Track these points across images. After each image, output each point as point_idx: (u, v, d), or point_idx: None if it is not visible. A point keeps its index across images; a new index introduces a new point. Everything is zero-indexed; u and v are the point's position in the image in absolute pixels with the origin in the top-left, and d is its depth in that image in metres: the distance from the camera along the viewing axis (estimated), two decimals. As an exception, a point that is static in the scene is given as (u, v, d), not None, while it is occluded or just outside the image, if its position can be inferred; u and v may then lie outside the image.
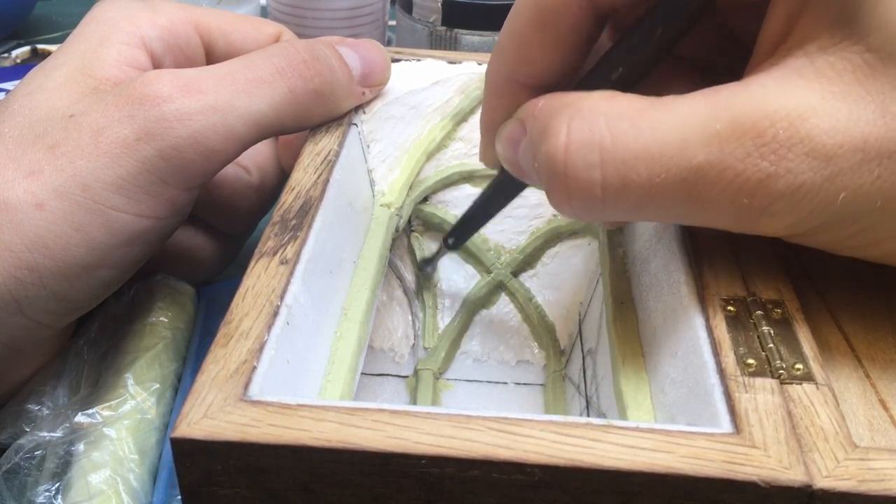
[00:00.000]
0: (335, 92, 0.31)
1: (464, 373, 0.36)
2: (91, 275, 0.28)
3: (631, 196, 0.21)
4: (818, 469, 0.18)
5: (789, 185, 0.21)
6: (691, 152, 0.21)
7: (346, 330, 0.27)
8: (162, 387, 0.31)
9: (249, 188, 0.36)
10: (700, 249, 0.26)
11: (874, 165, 0.21)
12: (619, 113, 0.22)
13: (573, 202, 0.22)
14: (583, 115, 0.22)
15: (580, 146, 0.21)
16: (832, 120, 0.20)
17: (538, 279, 0.37)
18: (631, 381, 0.25)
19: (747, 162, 0.21)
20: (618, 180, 0.21)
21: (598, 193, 0.22)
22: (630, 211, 0.22)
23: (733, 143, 0.21)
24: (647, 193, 0.21)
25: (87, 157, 0.27)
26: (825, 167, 0.20)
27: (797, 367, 0.21)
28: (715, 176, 0.21)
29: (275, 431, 0.18)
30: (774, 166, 0.20)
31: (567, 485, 0.18)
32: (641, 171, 0.21)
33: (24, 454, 0.29)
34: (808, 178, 0.21)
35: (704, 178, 0.21)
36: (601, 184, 0.21)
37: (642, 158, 0.21)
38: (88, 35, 0.31)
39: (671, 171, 0.21)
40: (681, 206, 0.22)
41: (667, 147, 0.21)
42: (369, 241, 0.31)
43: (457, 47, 0.53)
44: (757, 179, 0.21)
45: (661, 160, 0.21)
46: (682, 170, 0.21)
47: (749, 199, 0.21)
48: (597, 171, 0.21)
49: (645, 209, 0.22)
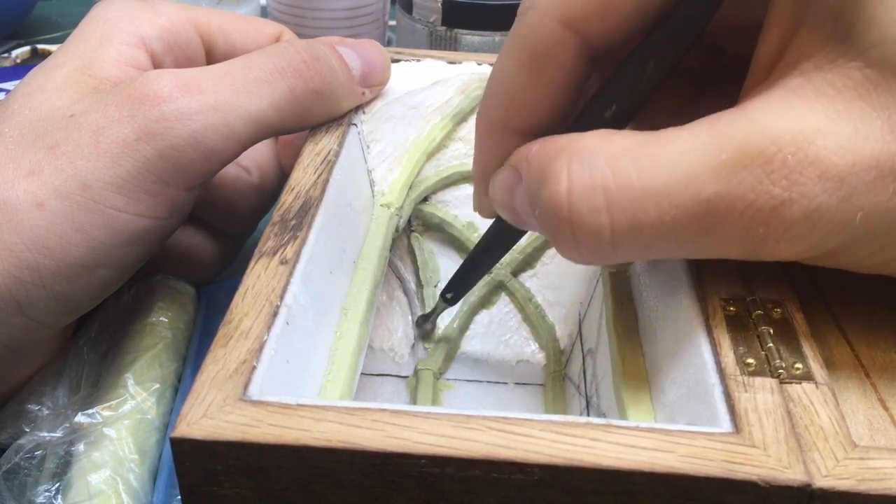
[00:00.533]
0: (335, 92, 0.31)
1: (464, 373, 0.36)
2: (91, 275, 0.28)
3: (642, 236, 0.21)
4: (818, 468, 0.18)
5: (804, 210, 0.20)
6: (699, 186, 0.20)
7: (346, 330, 0.27)
8: (162, 387, 0.31)
9: (249, 188, 0.36)
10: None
11: (889, 182, 0.20)
12: (618, 151, 0.21)
13: (581, 249, 0.21)
14: (581, 157, 0.21)
15: (583, 190, 0.21)
16: (839, 139, 0.20)
17: (538, 279, 0.37)
18: (631, 381, 0.25)
19: (759, 190, 0.20)
20: (627, 222, 0.21)
21: (607, 237, 0.21)
22: (642, 251, 0.21)
23: (741, 172, 0.20)
24: (658, 232, 0.21)
25: (88, 157, 0.27)
26: (839, 188, 0.20)
27: (797, 367, 0.21)
28: (726, 208, 0.20)
29: (275, 431, 0.18)
30: (787, 192, 0.20)
31: (567, 484, 0.18)
32: (650, 210, 0.20)
33: (24, 454, 0.29)
34: (823, 201, 0.20)
35: (715, 210, 0.20)
36: (610, 227, 0.21)
37: (649, 196, 0.20)
38: (88, 35, 0.31)
39: (681, 207, 0.20)
40: (694, 242, 0.21)
41: (673, 183, 0.20)
42: (369, 241, 0.31)
43: (457, 47, 0.53)
44: (770, 207, 0.20)
45: (669, 196, 0.20)
46: (691, 204, 0.20)
47: (764, 227, 0.20)
48: (604, 214, 0.21)
49: (657, 248, 0.21)
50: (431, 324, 0.36)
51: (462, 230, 0.36)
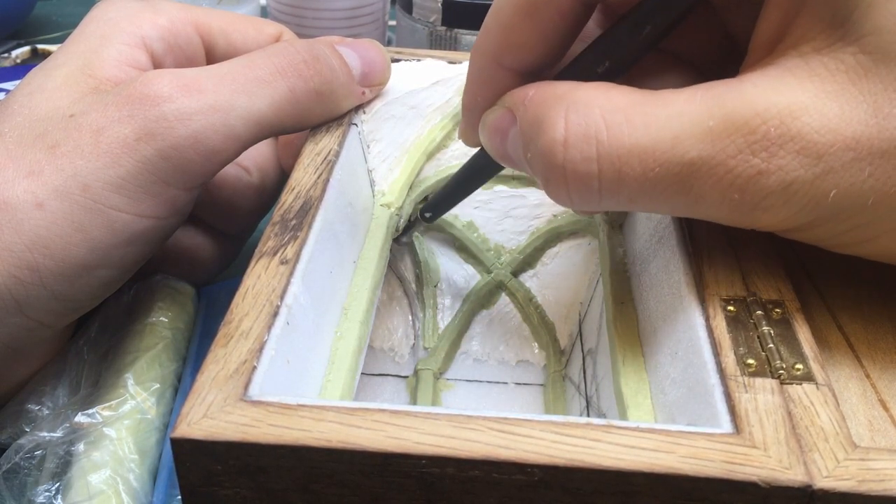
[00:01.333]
0: (335, 91, 0.31)
1: (464, 373, 0.36)
2: (91, 274, 0.28)
3: (626, 189, 0.22)
4: (818, 469, 0.18)
5: (780, 182, 0.21)
6: (684, 148, 0.21)
7: (347, 330, 0.27)
8: (162, 387, 0.31)
9: (250, 188, 0.36)
10: (700, 249, 0.26)
11: (865, 164, 0.21)
12: (614, 106, 0.22)
13: (571, 194, 0.23)
14: (578, 107, 0.22)
15: (577, 140, 0.22)
16: (823, 118, 0.21)
17: (538, 279, 0.37)
18: (631, 381, 0.25)
19: (739, 159, 0.21)
20: (613, 174, 0.22)
21: (594, 186, 0.22)
22: (625, 202, 0.22)
23: (725, 139, 0.21)
24: (641, 186, 0.22)
25: (88, 157, 0.27)
26: (816, 164, 0.21)
27: (797, 367, 0.21)
28: (707, 171, 0.21)
29: (275, 431, 0.18)
30: (765, 163, 0.21)
31: (567, 485, 0.18)
32: (635, 165, 0.21)
33: (24, 454, 0.29)
34: (798, 175, 0.21)
35: (696, 173, 0.21)
36: (598, 177, 0.22)
37: (636, 153, 0.21)
38: (89, 35, 0.31)
39: (664, 166, 0.21)
40: (674, 199, 0.22)
41: (660, 142, 0.21)
42: (369, 241, 0.31)
43: (457, 47, 0.53)
44: (748, 176, 0.21)
45: (655, 154, 0.21)
46: (674, 164, 0.21)
47: (740, 194, 0.21)
48: (594, 164, 0.22)
49: (640, 201, 0.22)
50: (407, 237, 0.36)
51: (462, 230, 0.36)
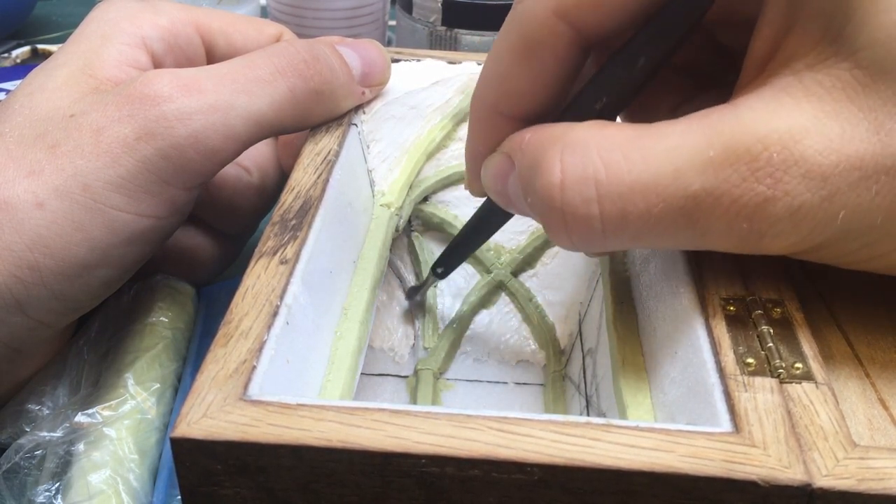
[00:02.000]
0: (335, 91, 0.31)
1: (464, 373, 0.36)
2: (91, 274, 0.28)
3: (630, 227, 0.21)
4: (818, 468, 0.18)
5: (788, 208, 0.21)
6: (687, 181, 0.21)
7: (346, 329, 0.27)
8: (162, 387, 0.31)
9: (250, 188, 0.36)
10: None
11: (872, 183, 0.20)
12: (611, 144, 0.21)
13: (573, 237, 0.22)
14: (574, 148, 0.22)
15: (575, 181, 0.21)
16: (825, 140, 0.20)
17: (538, 279, 0.37)
18: (631, 381, 0.25)
19: (744, 187, 0.20)
20: (616, 213, 0.21)
21: (597, 227, 0.21)
22: (630, 241, 0.22)
23: (728, 169, 0.20)
24: (645, 224, 0.21)
25: (88, 157, 0.27)
26: (822, 187, 0.20)
27: (797, 367, 0.21)
28: (712, 203, 0.21)
29: (275, 431, 0.18)
30: (772, 190, 0.20)
31: (567, 484, 0.18)
32: (639, 203, 0.21)
33: (24, 454, 0.29)
34: (806, 200, 0.20)
35: (701, 205, 0.21)
36: (600, 218, 0.21)
37: (638, 190, 0.21)
38: (89, 35, 0.31)
39: (668, 201, 0.21)
40: (680, 234, 0.22)
41: (661, 177, 0.21)
42: (369, 241, 0.31)
43: (457, 47, 0.53)
44: (755, 204, 0.21)
45: (657, 190, 0.21)
46: (678, 199, 0.21)
47: (748, 223, 0.21)
48: (594, 205, 0.21)
49: (645, 238, 0.22)
50: (421, 296, 0.36)
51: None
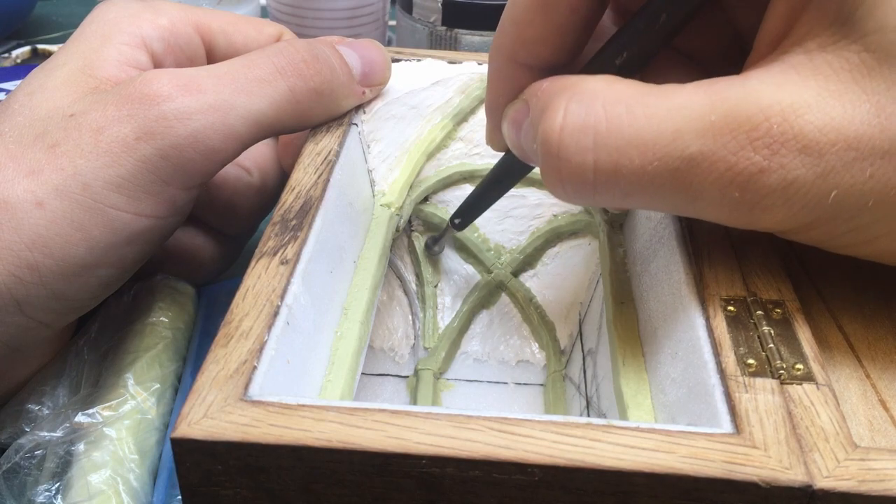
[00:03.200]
0: (335, 91, 0.31)
1: (464, 373, 0.36)
2: (91, 274, 0.28)
3: (622, 182, 0.21)
4: (818, 469, 0.18)
5: (781, 181, 0.21)
6: (685, 142, 0.21)
7: (347, 330, 0.27)
8: (162, 387, 0.31)
9: (250, 189, 0.36)
10: (700, 249, 0.26)
11: (867, 164, 0.21)
12: (617, 98, 0.22)
13: (565, 185, 0.22)
14: (581, 97, 0.22)
15: (574, 129, 0.21)
16: (826, 117, 0.20)
17: (538, 279, 0.37)
18: (631, 381, 0.25)
19: (740, 155, 0.21)
20: (610, 165, 0.21)
21: (589, 178, 0.22)
22: (621, 197, 0.22)
23: (727, 135, 0.21)
24: (638, 181, 0.21)
25: (87, 157, 0.27)
26: (817, 164, 0.21)
27: (797, 367, 0.21)
28: (707, 167, 0.21)
29: (275, 431, 0.18)
30: (767, 161, 0.21)
31: (567, 485, 0.18)
32: (634, 158, 0.21)
33: (24, 454, 0.29)
34: (800, 175, 0.21)
35: (696, 168, 0.21)
36: (593, 168, 0.21)
37: (635, 145, 0.21)
38: (89, 35, 0.31)
39: (663, 160, 0.21)
40: (672, 196, 0.22)
41: (660, 135, 0.21)
42: (369, 241, 0.31)
43: (457, 47, 0.53)
44: (749, 173, 0.21)
45: (654, 148, 0.21)
46: (674, 159, 0.21)
47: (740, 192, 0.21)
48: (589, 154, 0.21)
49: (636, 196, 0.22)
50: (440, 247, 0.36)
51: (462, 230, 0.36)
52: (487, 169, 0.36)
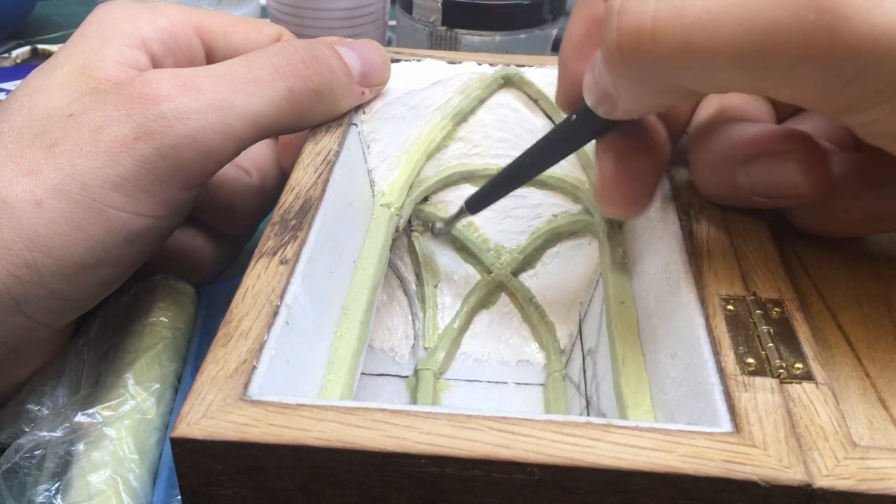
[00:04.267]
0: (334, 91, 0.31)
1: (464, 373, 0.36)
2: (90, 273, 0.28)
3: (683, 29, 0.20)
4: (818, 468, 0.18)
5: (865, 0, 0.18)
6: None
7: (347, 330, 0.27)
8: (162, 387, 0.31)
9: (249, 189, 0.36)
10: (700, 249, 0.26)
11: None
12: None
13: (623, 43, 0.21)
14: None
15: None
16: None
17: (538, 279, 0.37)
18: (631, 381, 0.25)
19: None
20: (671, 10, 0.20)
21: (648, 26, 0.20)
22: (680, 52, 0.20)
23: None
24: (700, 23, 0.20)
25: (86, 156, 0.27)
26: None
27: (797, 367, 0.21)
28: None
29: (275, 431, 0.18)
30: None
31: (567, 484, 0.18)
32: (697, 1, 0.20)
33: (23, 454, 0.29)
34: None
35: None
36: (653, 15, 0.20)
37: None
38: (89, 36, 0.31)
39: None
40: (736, 38, 0.19)
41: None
42: (369, 241, 0.31)
43: (457, 47, 0.53)
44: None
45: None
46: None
47: (816, 13, 0.18)
48: (650, 3, 0.20)
49: (696, 49, 0.20)
50: (447, 227, 0.35)
51: (462, 230, 0.36)
52: (487, 169, 0.36)
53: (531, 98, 0.36)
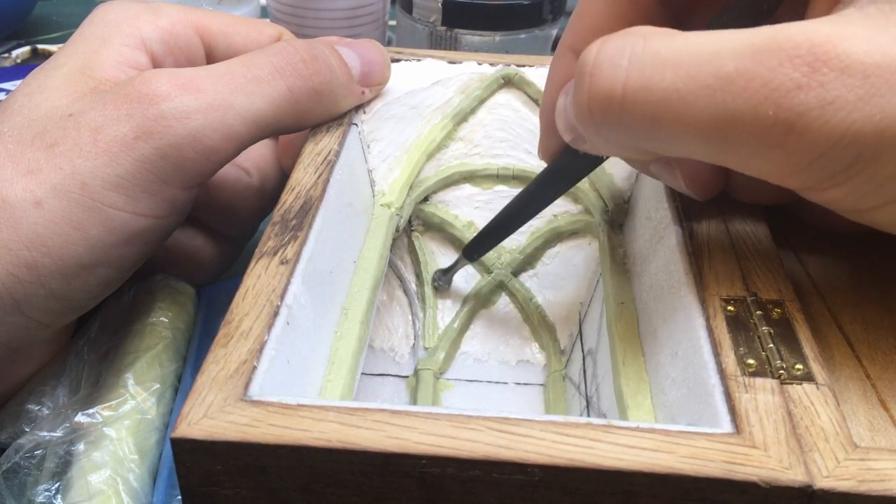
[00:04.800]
0: (334, 91, 0.31)
1: (464, 373, 0.36)
2: (89, 273, 0.28)
3: (651, 100, 0.21)
4: (818, 469, 0.18)
5: (820, 99, 0.19)
6: (721, 62, 0.20)
7: (347, 330, 0.27)
8: (162, 387, 0.31)
9: (250, 190, 0.36)
10: (700, 249, 0.26)
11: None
12: (658, 31, 0.21)
13: (593, 104, 0.22)
14: (622, 32, 0.22)
15: (611, 51, 0.21)
16: (873, 44, 0.20)
17: (538, 279, 0.37)
18: (631, 381, 0.25)
19: (778, 71, 0.20)
20: (641, 82, 0.21)
21: (618, 93, 0.21)
22: (647, 123, 0.21)
23: (765, 54, 0.20)
24: (667, 99, 0.21)
25: (86, 156, 0.27)
26: (860, 85, 0.19)
27: (797, 368, 0.21)
28: (742, 84, 0.20)
29: (275, 431, 0.18)
30: (806, 78, 0.19)
31: (567, 485, 0.18)
32: (666, 76, 0.21)
33: (24, 453, 0.29)
34: (840, 94, 0.19)
35: (731, 86, 0.20)
36: (623, 83, 0.21)
37: (669, 65, 0.21)
38: (89, 36, 0.31)
39: (696, 78, 0.20)
40: (701, 120, 0.20)
41: (697, 56, 0.20)
42: (369, 241, 0.31)
43: (457, 47, 0.53)
44: (785, 89, 0.20)
45: (688, 66, 0.20)
46: (707, 76, 0.20)
47: (775, 110, 0.20)
48: (621, 71, 0.21)
49: (663, 123, 0.21)
50: (447, 280, 0.36)
51: (462, 230, 0.36)
52: (487, 169, 0.36)
53: (531, 98, 0.36)
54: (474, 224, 0.37)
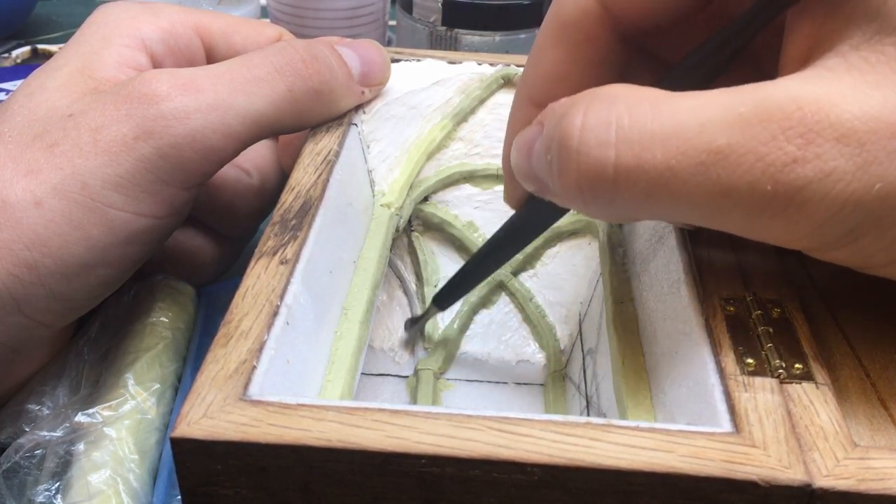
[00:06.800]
0: (334, 91, 0.31)
1: (464, 373, 0.36)
2: (90, 273, 0.28)
3: (644, 179, 0.20)
4: (818, 468, 0.18)
5: (818, 171, 0.19)
6: (711, 135, 0.20)
7: (347, 330, 0.27)
8: (162, 387, 0.31)
9: (249, 190, 0.36)
10: (700, 249, 0.26)
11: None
12: (640, 98, 0.21)
13: (582, 185, 0.21)
14: (602, 99, 0.21)
15: (595, 125, 0.20)
16: (865, 106, 0.19)
17: (538, 279, 0.37)
18: (631, 381, 0.25)
19: (771, 145, 0.19)
20: (632, 160, 0.20)
21: (609, 174, 0.20)
22: (642, 199, 0.21)
23: (756, 126, 0.19)
24: (661, 177, 0.20)
25: (86, 156, 0.27)
26: (857, 154, 0.19)
27: (797, 367, 0.21)
28: (735, 159, 0.19)
29: (275, 431, 0.18)
30: (802, 150, 0.19)
31: (567, 484, 0.18)
32: (657, 152, 0.20)
33: (24, 453, 0.29)
34: (838, 165, 0.19)
35: (724, 161, 0.19)
36: (614, 163, 0.20)
37: (658, 139, 0.20)
38: (89, 37, 0.31)
39: (688, 154, 0.20)
40: (697, 196, 0.20)
41: (686, 128, 0.20)
42: (369, 240, 0.31)
43: (457, 47, 0.53)
44: (781, 163, 0.19)
45: (678, 141, 0.20)
46: (699, 152, 0.20)
47: (773, 185, 0.19)
48: (610, 149, 0.20)
49: (657, 198, 0.20)
50: (420, 328, 0.35)
51: (462, 230, 0.36)
52: (487, 169, 0.36)
53: (531, 98, 0.36)
54: (474, 224, 0.37)
